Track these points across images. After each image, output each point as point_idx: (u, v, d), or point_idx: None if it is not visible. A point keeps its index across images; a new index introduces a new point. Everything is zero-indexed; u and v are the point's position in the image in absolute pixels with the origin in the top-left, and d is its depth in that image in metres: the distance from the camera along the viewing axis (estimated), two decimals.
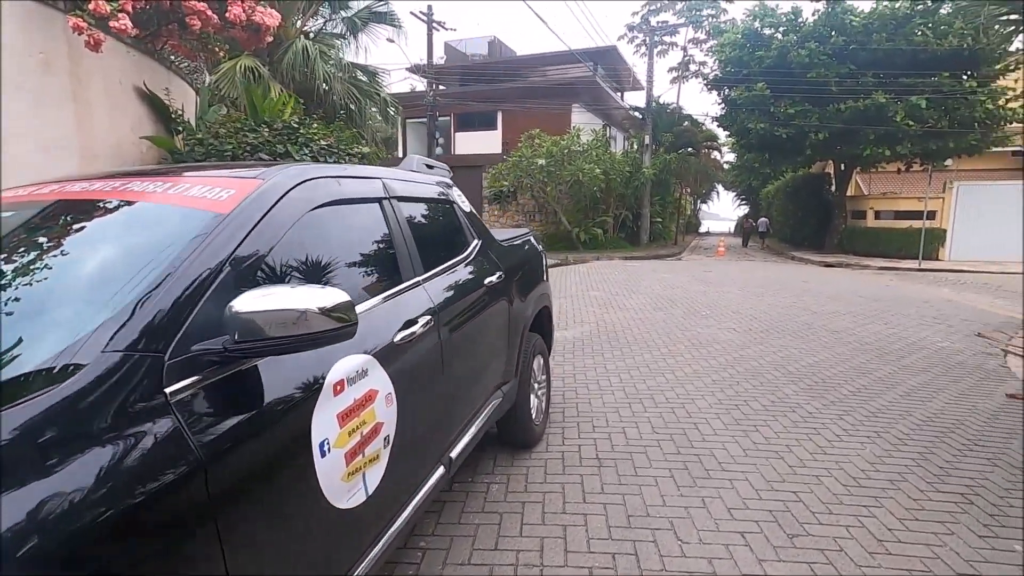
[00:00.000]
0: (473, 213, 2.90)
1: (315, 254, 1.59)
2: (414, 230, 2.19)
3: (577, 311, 8.08)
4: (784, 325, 7.01)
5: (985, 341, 6.40)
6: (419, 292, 2.00)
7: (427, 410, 1.95)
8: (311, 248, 1.58)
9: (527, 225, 21.24)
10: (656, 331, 6.68)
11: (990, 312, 8.38)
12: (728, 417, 3.88)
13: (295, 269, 1.50)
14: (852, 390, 4.53)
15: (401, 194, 2.17)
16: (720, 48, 19.29)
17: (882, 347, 5.97)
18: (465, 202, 2.86)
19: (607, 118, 25.03)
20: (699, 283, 11.28)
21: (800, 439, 3.52)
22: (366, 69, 10.87)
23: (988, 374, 5.11)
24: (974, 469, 3.14)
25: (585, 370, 5.10)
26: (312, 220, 1.59)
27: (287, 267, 1.46)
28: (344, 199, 1.80)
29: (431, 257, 2.26)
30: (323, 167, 1.83)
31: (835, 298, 9.38)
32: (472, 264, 2.59)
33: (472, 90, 23.30)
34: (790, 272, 14.46)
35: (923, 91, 15.40)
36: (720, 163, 36.01)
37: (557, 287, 10.63)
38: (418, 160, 2.59)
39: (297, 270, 1.51)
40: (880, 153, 16.71)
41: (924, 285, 11.77)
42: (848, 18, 16.34)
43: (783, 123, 17.15)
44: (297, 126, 5.56)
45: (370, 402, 1.54)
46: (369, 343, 1.60)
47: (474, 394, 2.41)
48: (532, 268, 3.53)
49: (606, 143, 20.50)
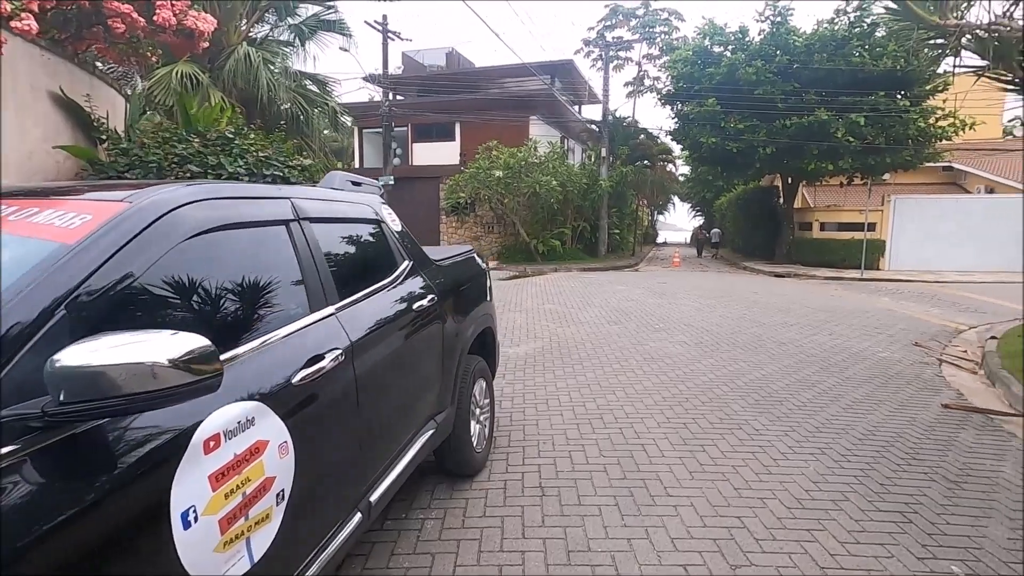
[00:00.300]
0: (405, 233, 2.74)
1: (194, 289, 1.40)
2: (330, 255, 2.01)
3: (531, 325, 7.97)
4: (734, 338, 7.09)
5: (922, 350, 6.62)
6: (330, 324, 1.83)
7: (338, 454, 1.77)
8: (190, 282, 1.39)
9: (486, 236, 21.15)
10: (609, 346, 6.63)
11: (925, 321, 8.73)
12: (676, 437, 3.82)
13: (164, 309, 1.31)
14: (798, 404, 4.56)
15: (315, 215, 2.00)
16: (672, 64, 19.78)
17: (826, 358, 6.09)
18: (395, 221, 2.70)
19: (565, 130, 25.29)
20: (654, 295, 11.38)
21: (746, 458, 3.48)
22: (315, 78, 10.57)
23: (925, 384, 5.26)
24: (912, 485, 3.16)
25: (535, 389, 4.98)
26: (193, 248, 1.40)
27: (153, 307, 1.27)
28: (239, 222, 1.62)
29: (350, 283, 2.08)
30: (214, 186, 1.64)
31: (783, 309, 9.60)
32: (400, 288, 2.43)
33: (430, 101, 23.14)
34: (742, 283, 14.81)
35: (861, 109, 16.15)
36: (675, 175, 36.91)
37: (513, 300, 10.53)
38: (341, 177, 2.42)
39: (167, 310, 1.32)
40: (824, 167, 17.41)
41: (866, 295, 12.22)
42: (791, 38, 17.02)
43: (733, 138, 17.66)
44: (232, 136, 5.27)
45: (257, 455, 1.35)
46: (259, 387, 1.41)
47: (399, 429, 2.24)
48: (472, 288, 3.39)
49: (563, 155, 20.65)
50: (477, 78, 25.31)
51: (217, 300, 1.46)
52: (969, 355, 6.49)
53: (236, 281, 1.54)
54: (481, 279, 3.58)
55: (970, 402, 4.79)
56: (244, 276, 1.58)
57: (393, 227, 2.64)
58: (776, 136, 17.09)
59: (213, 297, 1.45)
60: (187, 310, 1.37)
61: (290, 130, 8.92)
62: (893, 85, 16.48)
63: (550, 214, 19.75)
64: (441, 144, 23.17)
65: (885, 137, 16.56)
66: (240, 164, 5.00)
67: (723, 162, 19.94)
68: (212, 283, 1.45)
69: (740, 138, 17.50)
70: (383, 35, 16.76)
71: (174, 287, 1.33)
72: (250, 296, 1.58)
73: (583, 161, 25.29)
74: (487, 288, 3.68)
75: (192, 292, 1.39)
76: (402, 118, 22.40)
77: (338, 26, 10.38)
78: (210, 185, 1.65)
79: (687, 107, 18.69)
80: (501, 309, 9.45)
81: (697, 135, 18.60)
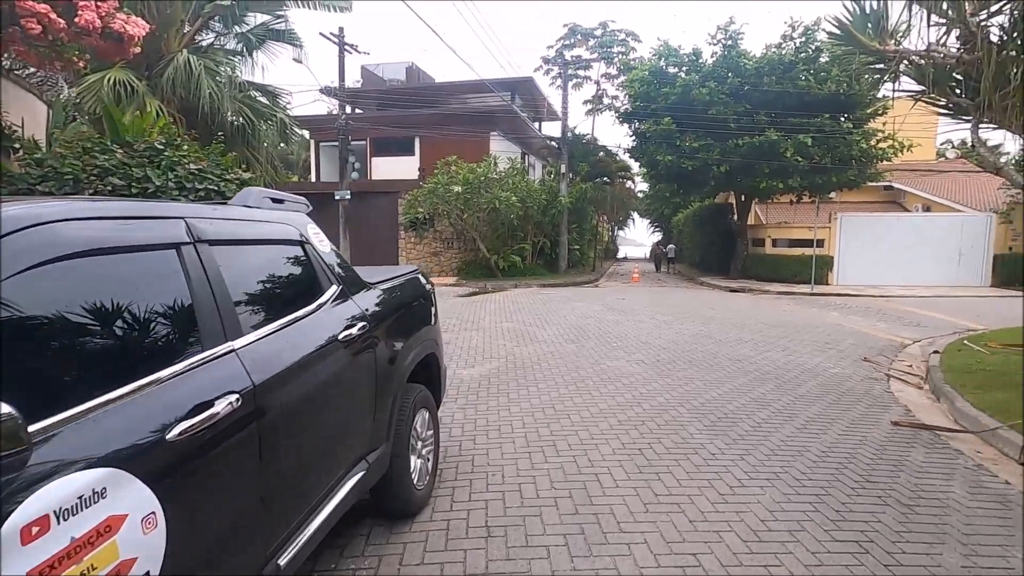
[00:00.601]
0: (335, 253, 2.51)
1: (39, 329, 1.15)
2: (235, 282, 1.77)
3: (488, 345, 7.77)
4: (690, 356, 7.06)
5: (870, 366, 6.74)
6: (229, 363, 1.59)
7: (232, 517, 1.52)
8: (36, 320, 1.14)
9: (445, 252, 20.88)
10: (566, 366, 6.48)
11: (873, 336, 8.96)
12: (631, 464, 3.67)
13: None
14: (753, 424, 4.50)
15: (217, 237, 1.76)
16: (630, 83, 20.16)
17: (780, 376, 6.10)
18: (323, 241, 2.47)
19: (526, 147, 25.40)
20: (612, 312, 11.36)
21: (702, 487, 3.36)
22: (265, 88, 10.18)
23: (875, 400, 5.31)
24: (867, 511, 3.09)
25: (488, 414, 4.76)
26: (46, 277, 1.16)
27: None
28: (111, 247, 1.37)
29: (261, 314, 1.85)
30: (86, 204, 1.40)
31: (738, 325, 9.70)
32: (324, 316, 2.20)
33: (389, 115, 22.86)
34: (698, 298, 15.02)
35: (809, 130, 16.79)
36: (635, 192, 37.70)
37: (471, 318, 10.30)
38: (258, 194, 2.18)
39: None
40: (774, 185, 18.00)
41: (816, 310, 12.55)
42: (742, 61, 17.61)
43: (689, 156, 18.06)
44: (162, 147, 4.92)
45: (108, 535, 1.10)
46: (115, 449, 1.16)
47: (318, 478, 1.99)
48: (414, 312, 3.18)
49: (523, 171, 20.68)
50: (437, 93, 25.21)
51: (71, 341, 1.21)
52: (914, 370, 6.64)
53: (102, 317, 1.29)
54: (425, 301, 3.37)
55: (918, 418, 4.84)
56: (113, 310, 1.33)
57: (320, 248, 2.41)
58: (729, 155, 17.57)
59: (65, 338, 1.20)
60: (22, 356, 1.11)
61: (235, 142, 8.52)
62: (837, 108, 17.22)
63: (510, 230, 19.69)
64: (400, 158, 22.88)
65: (831, 157, 17.25)
66: (169, 177, 4.65)
67: (679, 179, 20.36)
68: (67, 320, 1.20)
69: (695, 156, 17.91)
70: (339, 47, 16.46)
71: (13, 326, 1.08)
72: (119, 335, 1.33)
73: (543, 177, 25.41)
74: (431, 311, 3.46)
75: (35, 332, 1.14)
76: (360, 131, 22.04)
77: (288, 36, 10.04)
78: (81, 203, 1.40)
79: (644, 125, 19.04)
80: (458, 328, 9.21)
81: (654, 153, 18.95)
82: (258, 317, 1.83)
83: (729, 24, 18.29)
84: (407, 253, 21.21)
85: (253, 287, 1.91)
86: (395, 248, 21.26)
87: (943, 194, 22.27)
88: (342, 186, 17.35)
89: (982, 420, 4.52)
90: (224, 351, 1.59)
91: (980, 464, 3.83)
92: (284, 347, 1.85)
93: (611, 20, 31.25)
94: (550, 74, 29.85)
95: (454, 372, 6.17)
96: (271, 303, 1.96)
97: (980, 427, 4.45)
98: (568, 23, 30.16)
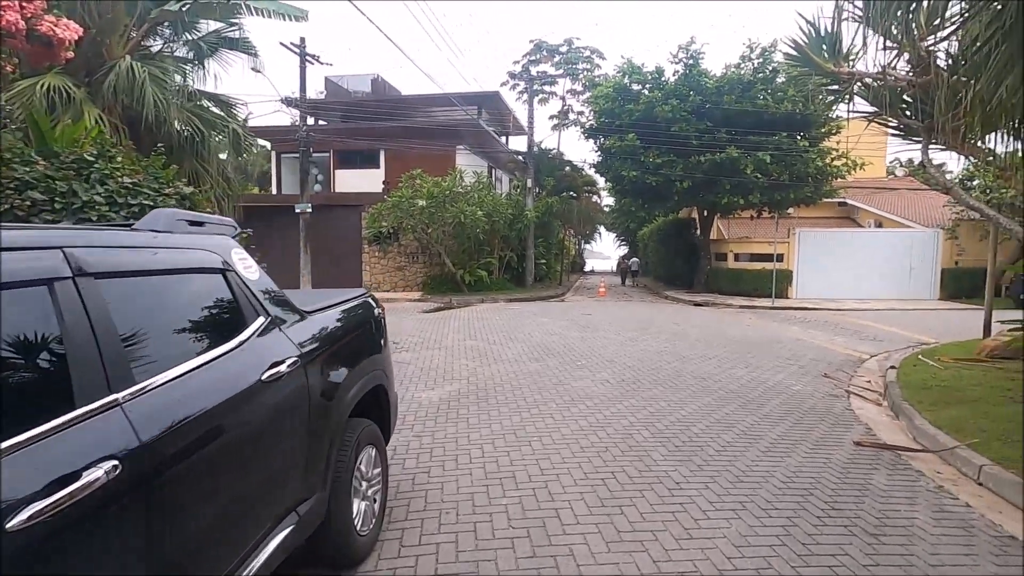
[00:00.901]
0: (263, 282, 2.27)
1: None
2: (131, 320, 1.53)
3: (450, 365, 7.52)
4: (655, 374, 6.98)
5: (831, 382, 6.78)
6: (109, 420, 1.34)
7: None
8: None
9: (410, 266, 20.53)
10: (529, 387, 6.30)
11: (831, 350, 9.09)
12: (593, 497, 3.49)
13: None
14: (718, 448, 4.39)
15: (105, 268, 1.51)
16: (595, 100, 20.39)
17: (744, 394, 6.06)
18: (250, 268, 2.23)
19: (493, 160, 25.35)
20: (578, 328, 11.26)
21: (667, 520, 3.20)
22: (219, 98, 9.77)
23: (837, 419, 5.29)
24: (834, 543, 2.99)
25: (445, 442, 4.52)
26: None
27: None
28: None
29: (161, 356, 1.60)
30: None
31: (702, 341, 9.72)
32: (245, 353, 1.96)
33: (354, 127, 22.48)
34: (663, 313, 15.10)
35: (767, 148, 17.26)
36: (601, 206, 38.10)
37: (434, 337, 10.03)
38: (169, 216, 1.93)
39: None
40: (735, 201, 18.39)
41: (777, 324, 12.74)
42: (703, 80, 18.02)
43: (652, 171, 18.30)
44: (93, 159, 4.55)
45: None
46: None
47: (230, 546, 1.73)
48: (359, 340, 2.94)
49: (489, 185, 20.57)
50: (403, 105, 24.96)
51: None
52: (873, 385, 6.71)
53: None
54: (372, 328, 3.14)
55: (879, 437, 4.84)
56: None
57: (246, 276, 2.17)
58: (692, 171, 17.88)
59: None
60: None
61: (184, 153, 8.11)
62: (794, 127, 17.77)
63: (476, 244, 19.51)
64: (365, 171, 22.49)
65: (789, 174, 17.75)
66: (98, 191, 4.29)
67: (644, 194, 20.61)
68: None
69: (659, 172, 18.16)
70: (301, 58, 16.10)
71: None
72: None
73: (511, 191, 25.39)
74: (381, 338, 3.23)
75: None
76: (324, 143, 21.58)
77: (242, 44, 9.65)
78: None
79: (609, 141, 19.23)
80: (419, 347, 8.94)
81: (619, 168, 19.14)
82: (159, 361, 1.58)
83: (690, 44, 18.72)
84: (371, 268, 20.76)
85: (155, 326, 1.66)
86: (359, 263, 20.78)
87: (894, 211, 23.18)
88: (303, 199, 16.87)
89: (940, 439, 4.53)
90: (104, 406, 1.34)
91: (941, 486, 3.81)
92: (189, 395, 1.61)
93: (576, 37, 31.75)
94: (516, 89, 30.01)
95: (412, 395, 5.91)
96: (178, 343, 1.72)
97: (939, 446, 4.46)
98: (534, 39, 30.48)
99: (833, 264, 19.02)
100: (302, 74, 16.34)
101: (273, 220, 19.89)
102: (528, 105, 22.76)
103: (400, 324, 11.77)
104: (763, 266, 18.96)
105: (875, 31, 5.26)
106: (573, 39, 29.43)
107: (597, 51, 29.43)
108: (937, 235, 18.98)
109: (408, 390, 6.13)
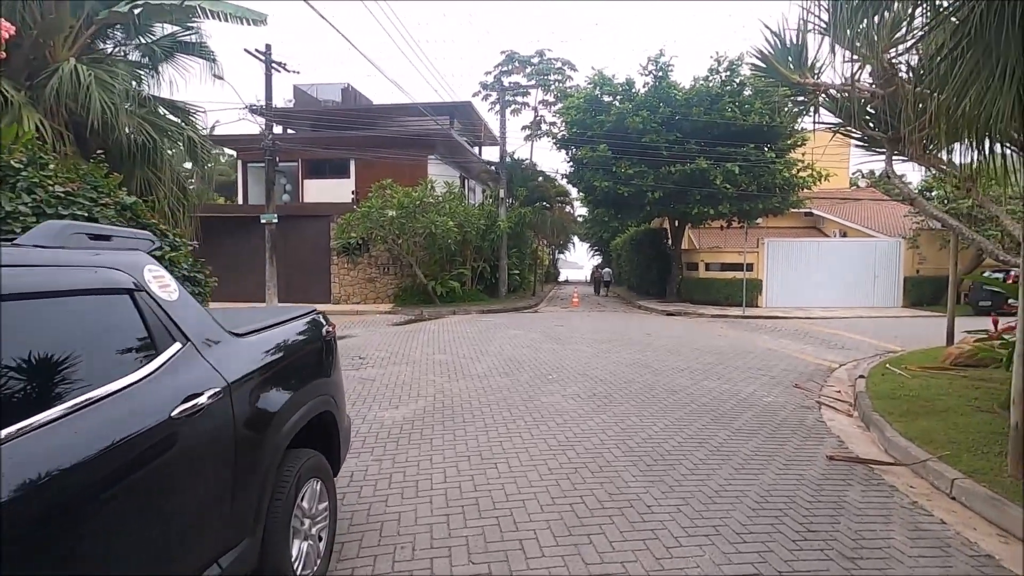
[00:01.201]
0: (183, 303, 2.02)
1: None
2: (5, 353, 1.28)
3: (417, 381, 7.25)
4: (627, 388, 6.83)
5: (801, 393, 6.74)
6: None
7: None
8: None
9: (381, 278, 20.13)
10: (498, 403, 6.08)
11: (802, 359, 9.11)
12: (560, 525, 3.29)
13: None
14: (691, 466, 4.25)
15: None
16: (566, 111, 20.44)
17: (716, 408, 5.95)
18: (168, 287, 1.98)
19: (465, 170, 25.18)
20: (550, 340, 11.10)
21: (637, 550, 3.02)
22: (175, 104, 9.37)
23: (809, 432, 5.22)
24: (811, 568, 2.85)
25: (406, 466, 4.27)
26: None
27: None
28: None
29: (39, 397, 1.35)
30: None
31: (674, 352, 9.65)
32: (154, 385, 1.71)
33: (324, 136, 22.07)
34: (636, 323, 15.07)
35: (736, 159, 17.50)
36: (574, 216, 38.23)
37: (401, 351, 9.73)
38: (63, 229, 1.68)
39: None
40: (706, 211, 18.59)
41: (748, 332, 12.80)
42: (672, 92, 18.21)
43: (624, 182, 18.37)
44: (21, 166, 4.21)
45: None
46: None
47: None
48: (302, 363, 2.70)
49: (461, 196, 20.38)
50: (374, 115, 24.63)
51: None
52: (843, 396, 6.69)
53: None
54: (319, 349, 2.90)
55: (851, 451, 4.77)
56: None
57: (161, 297, 1.92)
58: (663, 181, 18.01)
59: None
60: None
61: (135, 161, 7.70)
62: (761, 138, 18.08)
63: (448, 255, 19.25)
64: (334, 181, 22.04)
65: (757, 185, 18.02)
66: (24, 201, 3.95)
67: (616, 205, 20.68)
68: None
69: (630, 183, 18.23)
70: (266, 65, 15.69)
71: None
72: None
73: (483, 201, 25.23)
74: (329, 360, 2.99)
75: None
76: (292, 152, 21.12)
77: (199, 49, 9.27)
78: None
79: (581, 152, 19.26)
80: (386, 362, 8.64)
81: (591, 179, 19.16)
82: (33, 403, 1.33)
83: (659, 56, 18.93)
84: (340, 280, 20.29)
85: (32, 360, 1.41)
86: (327, 275, 20.30)
87: (857, 220, 23.79)
88: (269, 209, 16.39)
89: (912, 451, 4.48)
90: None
91: (915, 501, 3.72)
92: (68, 442, 1.36)
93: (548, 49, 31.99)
94: (488, 99, 30.04)
95: (375, 415, 5.64)
96: (62, 379, 1.46)
97: (911, 459, 4.40)
98: (506, 50, 30.58)
99: (801, 273, 19.36)
100: (267, 81, 15.94)
101: (237, 232, 19.31)
102: (500, 115, 22.73)
103: (369, 338, 11.43)
104: (734, 275, 19.17)
105: (839, 44, 5.26)
106: (545, 50, 29.68)
107: (569, 62, 29.70)
108: (899, 244, 19.49)
109: (371, 409, 5.85)
